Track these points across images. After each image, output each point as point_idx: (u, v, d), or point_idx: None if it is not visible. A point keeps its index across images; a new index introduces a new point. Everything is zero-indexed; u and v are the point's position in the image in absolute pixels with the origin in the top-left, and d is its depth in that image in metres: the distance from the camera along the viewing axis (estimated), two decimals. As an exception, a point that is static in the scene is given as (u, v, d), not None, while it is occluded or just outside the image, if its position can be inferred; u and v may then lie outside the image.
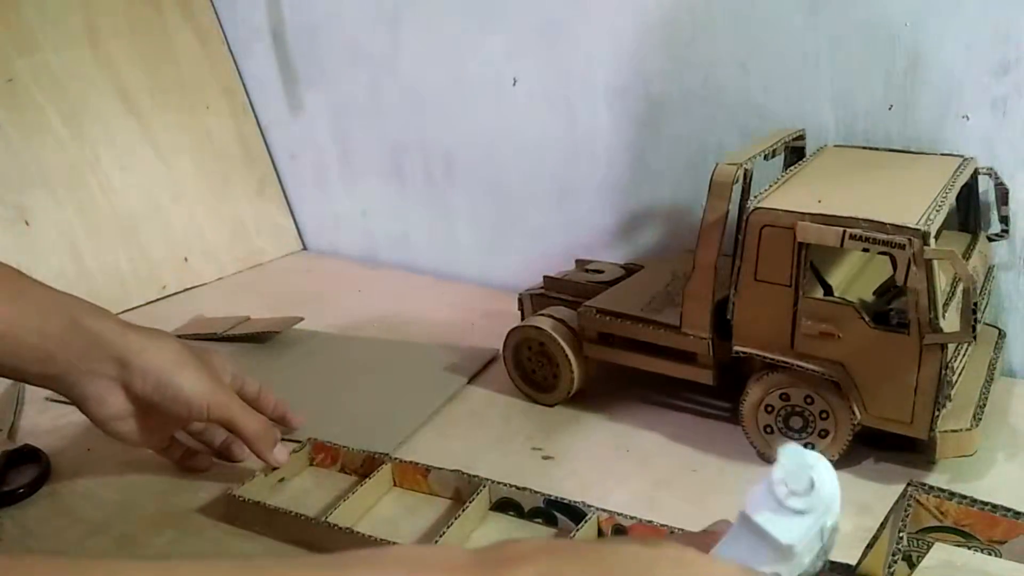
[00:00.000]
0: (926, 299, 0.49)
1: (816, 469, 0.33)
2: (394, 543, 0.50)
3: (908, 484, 0.42)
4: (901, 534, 0.40)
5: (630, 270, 0.74)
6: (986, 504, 0.40)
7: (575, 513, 0.52)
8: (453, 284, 0.95)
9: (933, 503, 0.41)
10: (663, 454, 0.60)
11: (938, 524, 0.42)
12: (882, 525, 0.42)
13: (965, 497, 0.41)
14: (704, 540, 0.35)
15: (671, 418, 0.65)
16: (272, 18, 1.01)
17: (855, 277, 0.60)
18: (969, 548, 0.41)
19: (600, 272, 0.74)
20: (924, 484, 0.42)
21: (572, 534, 0.49)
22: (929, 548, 0.42)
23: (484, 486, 0.54)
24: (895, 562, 0.39)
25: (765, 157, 0.61)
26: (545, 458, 0.61)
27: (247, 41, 1.05)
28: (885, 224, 0.50)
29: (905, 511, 0.41)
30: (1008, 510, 0.40)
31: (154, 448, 0.59)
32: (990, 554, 0.41)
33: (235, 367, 0.60)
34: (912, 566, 0.42)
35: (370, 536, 0.50)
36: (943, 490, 0.41)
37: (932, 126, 0.66)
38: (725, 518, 0.48)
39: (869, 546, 0.43)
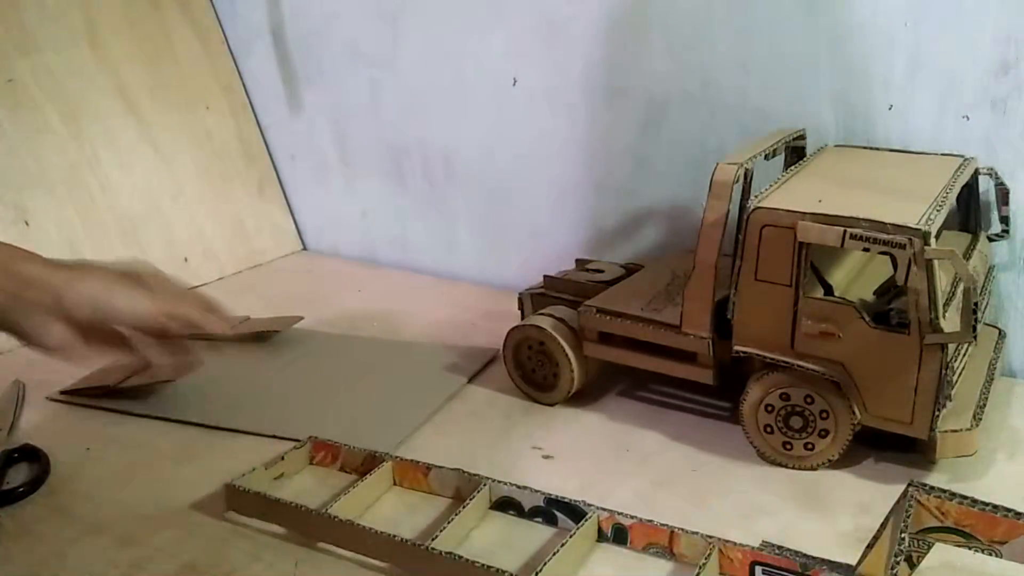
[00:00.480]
0: (926, 299, 0.49)
1: None
2: (393, 536, 0.50)
3: (909, 484, 0.42)
4: (903, 535, 0.40)
5: (630, 270, 0.74)
6: (987, 505, 0.40)
7: (575, 512, 0.52)
8: (453, 284, 0.95)
9: (934, 503, 0.41)
10: (663, 454, 0.60)
11: (939, 525, 0.42)
12: (882, 525, 0.43)
13: (966, 498, 0.41)
14: None
15: (671, 418, 0.65)
16: (272, 18, 1.01)
17: (855, 277, 0.60)
18: (970, 549, 0.41)
19: (600, 272, 0.74)
20: (925, 484, 0.42)
21: (572, 533, 0.49)
22: (930, 548, 0.42)
23: (484, 485, 0.54)
24: (897, 563, 0.39)
25: (765, 157, 0.61)
26: (545, 457, 0.61)
27: (247, 41, 1.05)
28: (886, 224, 0.50)
29: (906, 512, 0.41)
30: (1009, 511, 0.40)
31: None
32: (991, 555, 0.41)
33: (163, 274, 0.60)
34: (913, 566, 0.42)
35: (370, 528, 0.50)
36: (944, 490, 0.41)
37: (932, 126, 0.66)
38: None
39: (869, 546, 0.43)
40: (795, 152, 0.66)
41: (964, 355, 0.55)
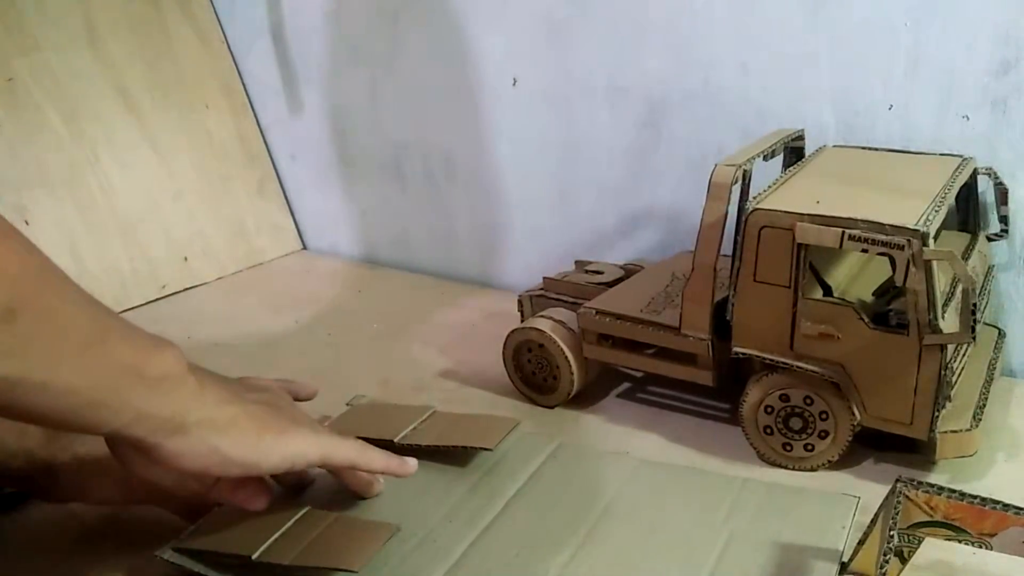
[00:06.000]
0: (925, 300, 0.49)
1: None
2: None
3: (897, 480, 0.42)
4: (892, 531, 0.40)
5: (630, 271, 0.74)
6: (975, 498, 0.41)
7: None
8: (453, 284, 0.95)
9: (923, 498, 0.41)
10: (663, 455, 0.60)
11: (928, 519, 0.42)
12: (872, 522, 0.43)
13: (954, 491, 0.41)
14: None
15: (671, 419, 0.64)
16: (272, 18, 1.01)
17: (854, 278, 0.60)
18: (960, 542, 0.41)
19: (600, 273, 0.74)
20: (913, 480, 0.42)
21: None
22: (920, 543, 0.42)
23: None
24: (887, 561, 0.39)
25: (764, 157, 0.60)
26: (544, 459, 0.61)
27: (247, 40, 1.05)
28: (884, 225, 0.50)
29: (895, 507, 0.41)
30: (996, 503, 0.40)
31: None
32: (981, 547, 0.41)
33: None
34: (904, 561, 0.42)
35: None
36: (932, 485, 0.42)
37: (932, 126, 0.66)
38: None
39: (860, 543, 0.43)
40: (794, 152, 0.66)
41: (964, 355, 0.55)
